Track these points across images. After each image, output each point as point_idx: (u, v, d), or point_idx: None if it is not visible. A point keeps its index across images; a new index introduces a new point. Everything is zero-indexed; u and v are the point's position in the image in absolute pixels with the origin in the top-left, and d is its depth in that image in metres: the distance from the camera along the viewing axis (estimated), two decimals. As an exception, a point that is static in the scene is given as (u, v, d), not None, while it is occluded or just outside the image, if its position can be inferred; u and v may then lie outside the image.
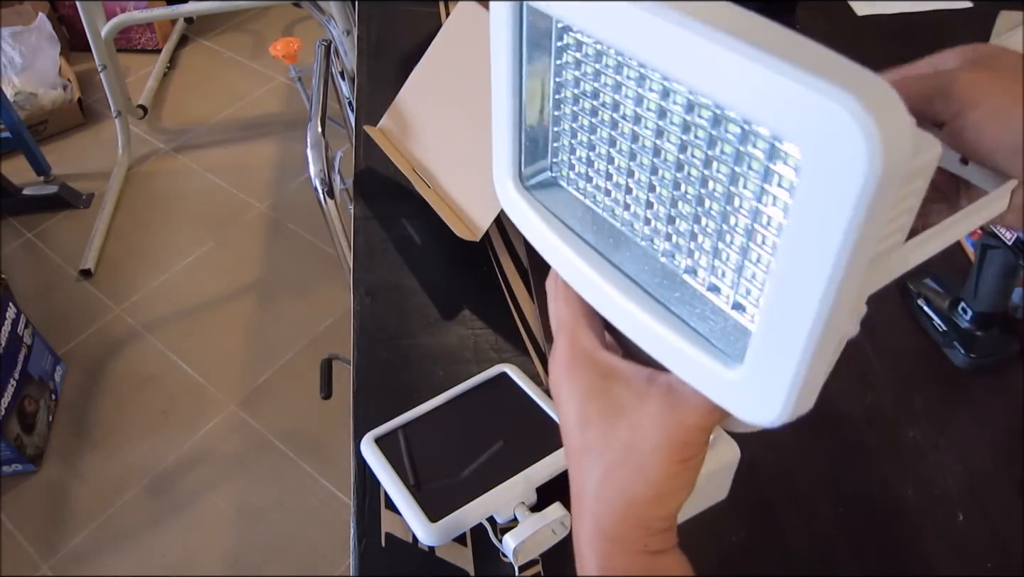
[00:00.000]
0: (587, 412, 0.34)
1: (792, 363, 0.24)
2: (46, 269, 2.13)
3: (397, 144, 0.89)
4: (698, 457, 0.33)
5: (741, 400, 0.27)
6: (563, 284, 0.37)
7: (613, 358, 0.35)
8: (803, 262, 0.23)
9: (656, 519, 0.34)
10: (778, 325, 0.25)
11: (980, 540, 0.59)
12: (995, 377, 0.69)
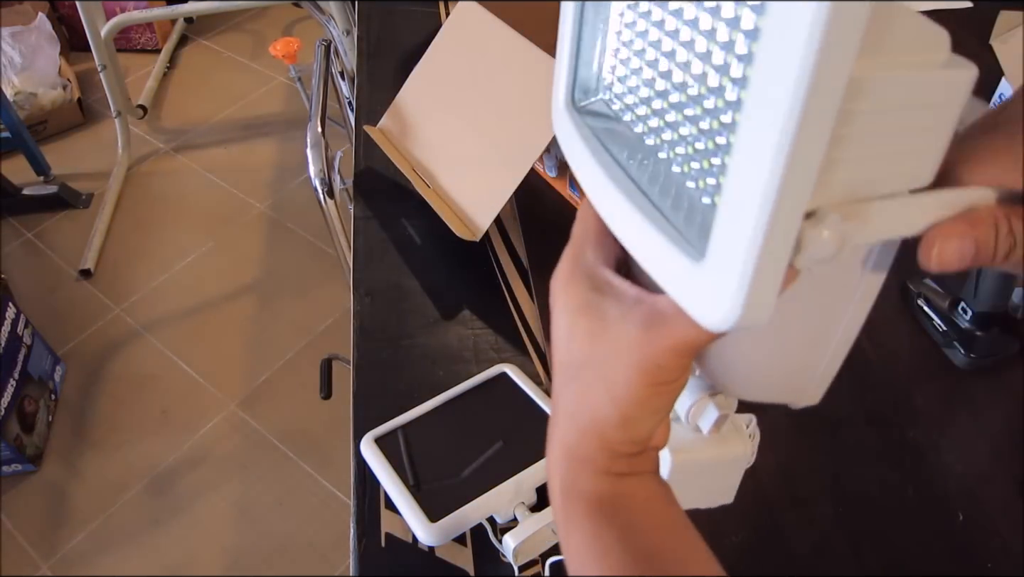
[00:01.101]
0: (575, 327, 0.34)
1: (742, 249, 0.24)
2: (46, 269, 2.13)
3: (397, 144, 0.89)
4: (672, 386, 0.32)
5: (700, 298, 0.27)
6: (582, 206, 0.36)
7: (610, 274, 0.34)
8: (755, 134, 0.22)
9: (620, 443, 0.33)
10: (732, 211, 0.24)
11: (980, 540, 0.59)
12: (995, 377, 0.69)
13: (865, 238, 0.28)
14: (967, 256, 0.30)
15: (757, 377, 0.36)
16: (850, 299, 0.32)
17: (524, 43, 0.77)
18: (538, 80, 0.76)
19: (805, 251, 0.25)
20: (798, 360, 0.35)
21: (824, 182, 0.24)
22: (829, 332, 0.34)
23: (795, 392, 0.37)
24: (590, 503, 0.34)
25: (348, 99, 1.45)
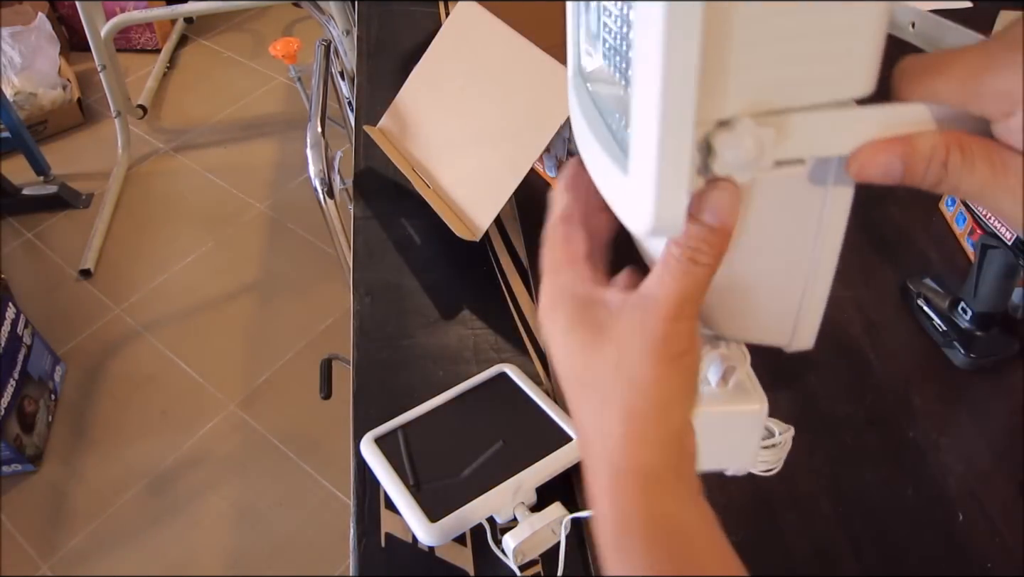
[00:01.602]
0: (571, 346, 0.34)
1: (647, 159, 0.27)
2: (46, 269, 2.13)
3: (397, 144, 0.89)
4: (688, 356, 0.33)
5: (628, 207, 0.30)
6: (546, 237, 0.37)
7: (592, 288, 0.35)
8: (639, 66, 0.26)
9: (662, 441, 0.33)
10: (637, 129, 0.27)
11: (980, 540, 0.59)
12: (995, 377, 0.69)
13: (792, 151, 0.29)
14: (893, 175, 0.30)
15: (742, 315, 0.37)
16: (814, 229, 0.33)
17: (524, 43, 0.77)
18: (538, 80, 0.76)
19: (721, 157, 0.27)
20: (776, 295, 0.36)
21: (728, 91, 0.27)
22: (800, 264, 0.34)
23: (782, 332, 0.37)
24: (646, 532, 0.33)
25: (348, 99, 1.45)
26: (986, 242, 0.65)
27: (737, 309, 0.37)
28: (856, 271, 0.78)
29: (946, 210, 0.83)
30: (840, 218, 0.33)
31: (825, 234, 0.33)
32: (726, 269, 0.34)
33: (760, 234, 0.33)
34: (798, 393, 0.68)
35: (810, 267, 0.34)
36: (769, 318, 0.37)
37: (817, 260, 0.34)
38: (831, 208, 0.33)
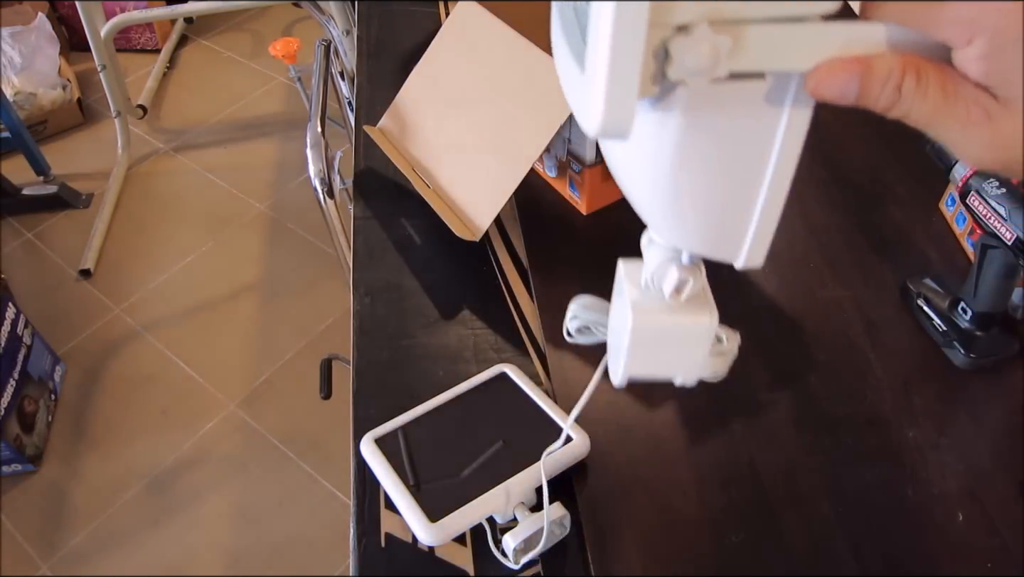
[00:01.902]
0: None
1: (599, 61, 0.28)
2: (46, 269, 2.13)
3: (397, 144, 0.89)
4: None
5: (582, 108, 0.30)
6: None
7: None
8: None
9: None
10: (592, 32, 0.28)
11: (980, 540, 0.59)
12: (995, 377, 0.69)
13: (750, 63, 0.29)
14: (848, 95, 0.30)
15: (697, 228, 0.38)
16: (772, 148, 0.33)
17: (524, 43, 0.77)
18: (538, 80, 0.76)
19: (676, 61, 0.28)
20: (730, 211, 0.36)
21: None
22: (756, 182, 0.35)
23: (734, 249, 0.38)
24: None
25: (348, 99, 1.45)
26: (986, 242, 0.65)
27: (693, 222, 0.37)
28: (856, 271, 0.78)
29: (946, 210, 0.83)
30: (797, 139, 0.33)
31: (782, 154, 0.33)
32: (683, 181, 0.35)
33: (718, 149, 0.34)
34: (798, 393, 0.68)
35: (765, 187, 0.35)
36: (723, 234, 0.37)
37: (773, 180, 0.34)
38: (789, 127, 0.33)
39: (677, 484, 0.62)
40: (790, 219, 0.83)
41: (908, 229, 0.82)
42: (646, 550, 0.58)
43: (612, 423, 0.66)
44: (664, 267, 0.41)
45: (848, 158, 0.90)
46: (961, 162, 0.67)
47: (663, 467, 0.63)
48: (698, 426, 0.66)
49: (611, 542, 0.59)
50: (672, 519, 0.60)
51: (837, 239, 0.81)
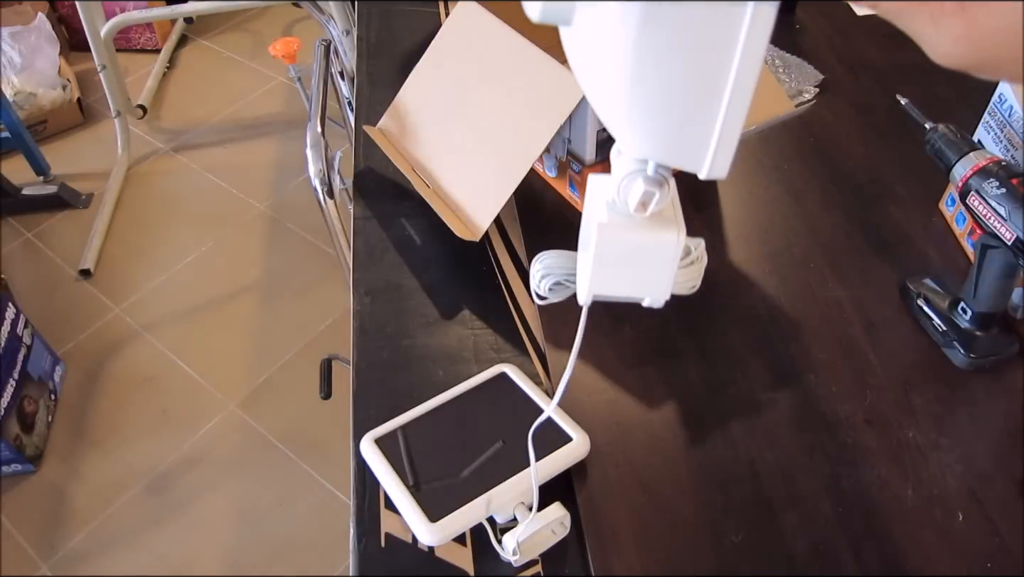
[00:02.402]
0: None
1: None
2: (46, 269, 2.13)
3: (397, 144, 0.89)
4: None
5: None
6: None
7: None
8: None
9: None
10: None
11: (980, 540, 0.59)
12: (995, 377, 0.69)
13: None
14: None
15: (663, 135, 0.37)
16: (735, 50, 0.33)
17: (524, 43, 0.77)
18: (538, 80, 0.76)
19: None
20: (694, 117, 0.36)
21: None
22: (719, 87, 0.34)
23: (698, 158, 0.37)
24: None
25: (348, 99, 1.45)
26: (986, 242, 0.65)
27: (654, 127, 0.37)
28: (856, 271, 0.78)
29: (946, 210, 0.83)
30: (762, 36, 0.33)
31: (746, 52, 0.33)
32: (644, 80, 0.34)
33: (678, 45, 0.33)
34: (798, 393, 0.68)
35: (729, 88, 0.34)
36: (685, 139, 0.37)
37: (737, 81, 0.34)
38: (753, 23, 0.32)
39: (677, 484, 0.62)
40: (790, 219, 0.83)
41: (908, 229, 0.82)
42: (646, 550, 0.58)
43: (612, 423, 0.66)
44: (630, 179, 0.40)
45: (848, 158, 0.90)
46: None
47: (663, 467, 0.63)
48: (698, 426, 0.66)
49: (611, 542, 0.59)
50: (672, 519, 0.60)
51: (837, 239, 0.81)
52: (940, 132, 0.69)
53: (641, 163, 0.40)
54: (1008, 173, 0.64)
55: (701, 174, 0.37)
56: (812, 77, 1.00)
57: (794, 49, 1.04)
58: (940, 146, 0.68)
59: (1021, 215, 0.61)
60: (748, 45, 0.33)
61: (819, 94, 0.98)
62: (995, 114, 0.82)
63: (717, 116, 0.35)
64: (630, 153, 0.40)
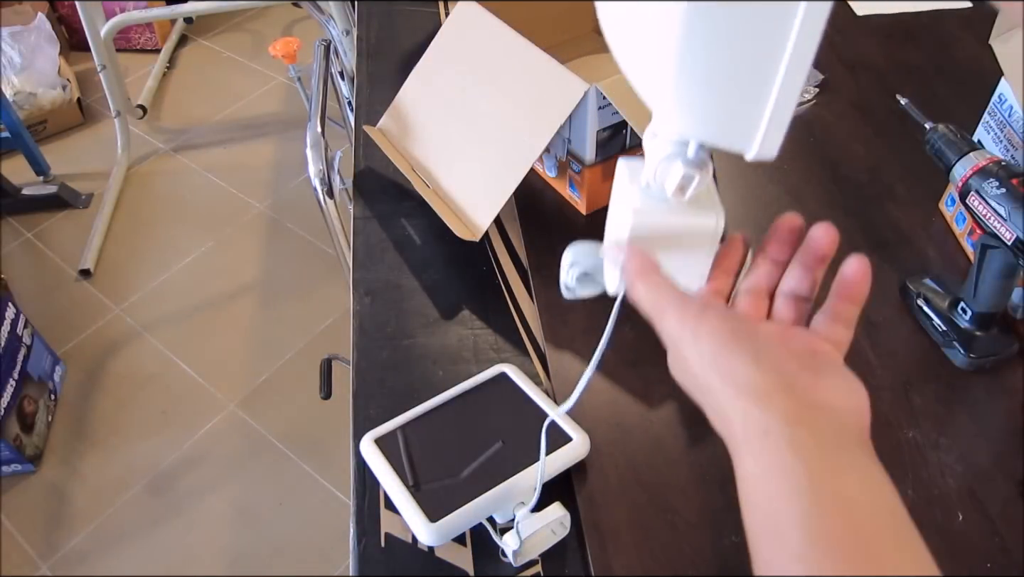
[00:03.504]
0: (727, 355, 0.38)
1: None
2: (46, 269, 2.13)
3: (397, 144, 0.89)
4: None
5: None
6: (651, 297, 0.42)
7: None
8: None
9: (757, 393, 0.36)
10: None
11: (980, 540, 0.59)
12: (995, 377, 0.69)
13: None
14: None
15: (713, 113, 0.36)
16: (792, 30, 0.32)
17: (524, 43, 0.77)
18: (538, 80, 0.76)
19: None
20: (748, 95, 0.34)
21: None
22: (775, 65, 0.33)
23: (748, 136, 0.36)
24: (761, 480, 0.34)
25: (348, 99, 1.45)
26: (986, 242, 0.65)
27: (703, 103, 0.35)
28: (856, 271, 0.78)
29: (946, 210, 0.83)
30: (818, 23, 0.32)
31: (807, 21, 0.32)
32: (701, 59, 0.33)
33: (738, 23, 0.32)
34: (798, 393, 0.68)
35: (786, 61, 0.33)
36: (735, 117, 0.35)
37: (794, 52, 0.33)
38: (810, 10, 0.32)
39: (677, 484, 0.62)
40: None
41: (908, 229, 0.82)
42: (646, 550, 0.58)
43: (612, 423, 0.66)
44: (668, 162, 0.38)
45: (848, 158, 0.90)
46: None
47: (663, 467, 0.63)
48: (698, 426, 0.66)
49: (611, 542, 0.58)
50: (672, 519, 0.60)
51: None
52: (940, 132, 0.69)
53: (681, 145, 0.38)
54: (1008, 173, 0.64)
55: (749, 155, 0.36)
56: (812, 77, 1.00)
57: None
58: (940, 146, 0.68)
59: (1021, 215, 0.61)
60: (809, 13, 0.31)
61: (819, 94, 0.98)
62: (995, 114, 0.82)
63: (770, 93, 0.34)
64: (672, 133, 0.38)
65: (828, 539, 0.31)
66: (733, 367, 0.36)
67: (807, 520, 0.32)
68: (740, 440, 0.35)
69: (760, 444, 0.34)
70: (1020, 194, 0.62)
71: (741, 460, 0.35)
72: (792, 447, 0.34)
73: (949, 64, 1.02)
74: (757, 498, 0.34)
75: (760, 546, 0.34)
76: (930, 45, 1.06)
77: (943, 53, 1.05)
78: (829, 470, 0.33)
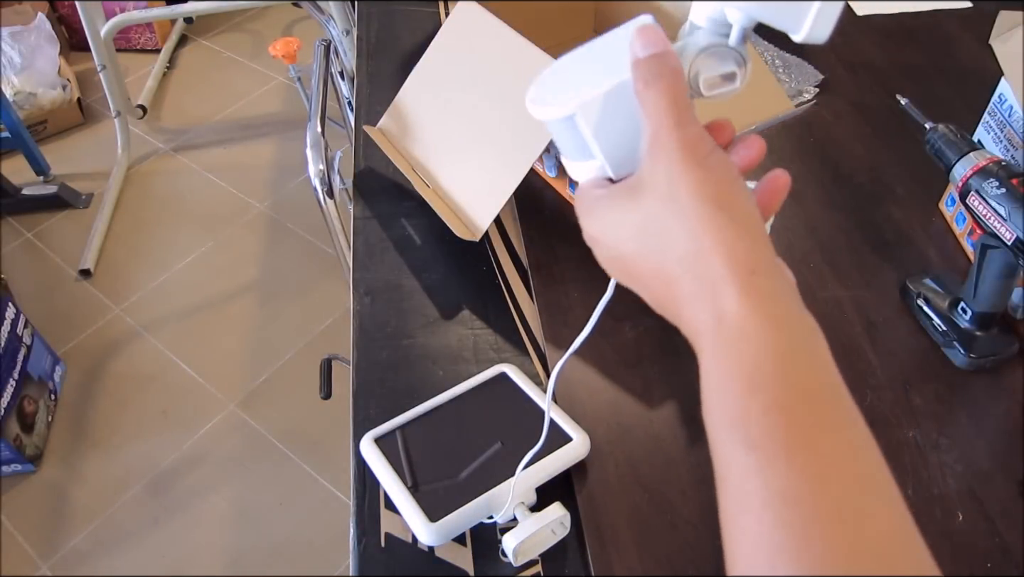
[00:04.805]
0: (617, 225, 0.37)
1: None
2: (46, 269, 2.13)
3: (397, 144, 0.89)
4: (714, 154, 0.35)
5: None
6: None
7: (608, 186, 0.39)
8: None
9: (741, 230, 0.34)
10: None
11: (980, 540, 0.59)
12: (995, 377, 0.69)
13: None
14: None
15: None
16: None
17: (524, 43, 0.77)
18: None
19: None
20: None
21: None
22: None
23: (800, 15, 0.34)
24: (739, 333, 0.32)
25: (348, 99, 1.45)
26: (986, 242, 0.65)
27: None
28: (856, 271, 0.78)
29: (946, 210, 0.83)
30: None
31: None
32: None
33: None
34: (798, 393, 0.68)
35: None
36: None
37: None
38: None
39: (677, 484, 0.62)
40: (790, 219, 0.83)
41: (908, 229, 0.82)
42: (646, 550, 0.58)
43: (612, 423, 0.66)
44: (708, 54, 0.37)
45: (848, 158, 0.90)
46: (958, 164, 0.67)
47: (663, 467, 0.63)
48: (698, 426, 0.66)
49: (611, 542, 0.59)
50: (672, 519, 0.60)
51: (837, 239, 0.81)
52: (940, 132, 0.69)
53: (721, 36, 0.37)
54: (1008, 173, 0.64)
55: (798, 35, 0.34)
56: (812, 77, 1.00)
57: (794, 49, 1.04)
58: (940, 146, 0.68)
59: (1021, 215, 0.61)
60: None
61: (819, 94, 0.98)
62: (995, 114, 0.82)
63: None
64: (716, 9, 0.36)
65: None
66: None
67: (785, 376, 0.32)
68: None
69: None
70: (1020, 194, 0.62)
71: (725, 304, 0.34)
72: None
73: (949, 64, 1.02)
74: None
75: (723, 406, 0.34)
76: (930, 45, 1.06)
77: (943, 53, 1.05)
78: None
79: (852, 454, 0.31)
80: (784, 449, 0.30)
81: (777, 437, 0.31)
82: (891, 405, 0.67)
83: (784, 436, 0.31)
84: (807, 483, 0.30)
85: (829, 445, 0.31)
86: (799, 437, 0.30)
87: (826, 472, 0.30)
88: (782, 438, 0.30)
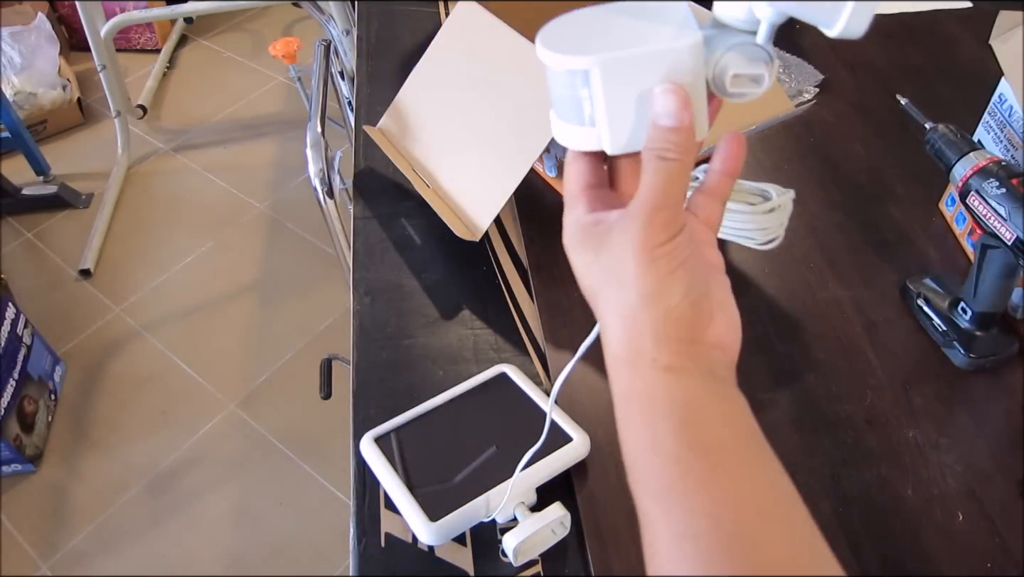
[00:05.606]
0: (580, 267, 0.40)
1: None
2: (46, 269, 2.13)
3: (397, 144, 0.89)
4: (668, 245, 0.36)
5: None
6: (566, 166, 0.44)
7: (597, 213, 0.40)
8: None
9: (656, 325, 0.36)
10: None
11: (980, 540, 0.59)
12: (995, 377, 0.69)
13: None
14: None
15: None
16: None
17: (524, 43, 0.77)
18: (538, 80, 0.76)
19: None
20: None
21: None
22: None
23: (833, 9, 0.33)
24: (643, 400, 0.37)
25: (348, 99, 1.45)
26: (986, 242, 0.65)
27: None
28: (856, 271, 0.78)
29: (946, 210, 0.83)
30: None
31: None
32: None
33: None
34: (798, 393, 0.68)
35: None
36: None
37: None
38: None
39: (677, 484, 0.62)
40: (790, 219, 0.83)
41: (908, 229, 0.82)
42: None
43: (612, 423, 0.66)
44: (735, 53, 0.35)
45: (848, 158, 0.90)
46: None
47: (663, 467, 0.63)
48: (698, 426, 0.66)
49: (611, 542, 0.59)
50: (672, 519, 0.60)
51: (837, 239, 0.81)
52: (940, 132, 0.69)
53: (748, 34, 0.36)
54: (1008, 173, 0.64)
55: (833, 30, 0.33)
56: (812, 77, 1.00)
57: (794, 49, 1.04)
58: (940, 146, 0.68)
59: (1021, 215, 0.61)
60: None
61: (819, 94, 0.98)
62: (995, 114, 0.82)
63: None
64: (744, 16, 0.35)
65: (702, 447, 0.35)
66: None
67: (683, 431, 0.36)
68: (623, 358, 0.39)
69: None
70: (1020, 194, 0.62)
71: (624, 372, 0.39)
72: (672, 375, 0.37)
73: (949, 64, 1.02)
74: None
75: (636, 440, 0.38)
76: (930, 45, 1.06)
77: (943, 53, 1.05)
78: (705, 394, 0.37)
79: (750, 491, 0.35)
80: (681, 495, 0.34)
81: (674, 487, 0.35)
82: (891, 405, 0.67)
83: (681, 485, 0.35)
84: (703, 520, 0.33)
85: (724, 486, 0.34)
86: (693, 484, 0.34)
87: (720, 510, 0.34)
88: (679, 487, 0.35)
